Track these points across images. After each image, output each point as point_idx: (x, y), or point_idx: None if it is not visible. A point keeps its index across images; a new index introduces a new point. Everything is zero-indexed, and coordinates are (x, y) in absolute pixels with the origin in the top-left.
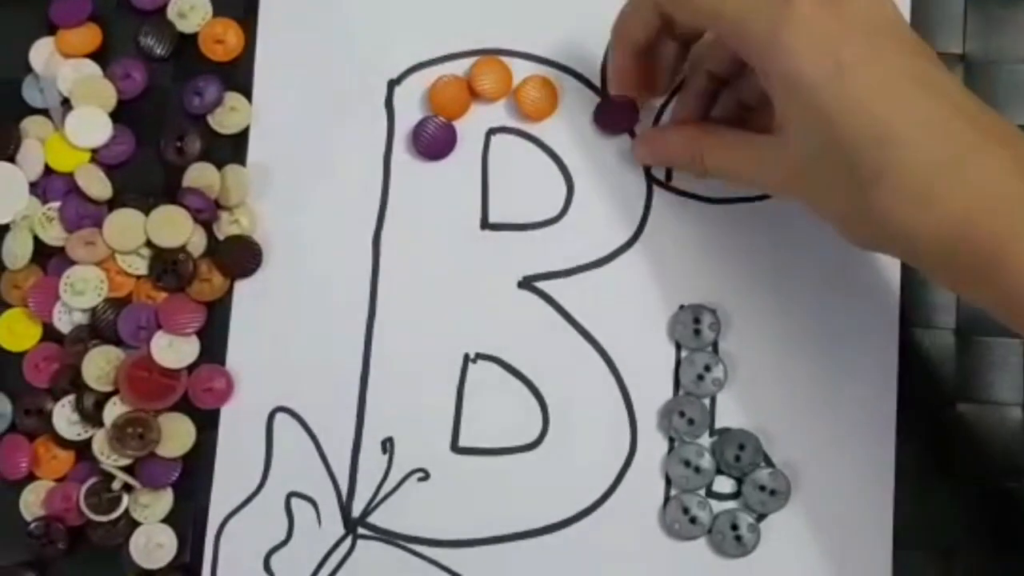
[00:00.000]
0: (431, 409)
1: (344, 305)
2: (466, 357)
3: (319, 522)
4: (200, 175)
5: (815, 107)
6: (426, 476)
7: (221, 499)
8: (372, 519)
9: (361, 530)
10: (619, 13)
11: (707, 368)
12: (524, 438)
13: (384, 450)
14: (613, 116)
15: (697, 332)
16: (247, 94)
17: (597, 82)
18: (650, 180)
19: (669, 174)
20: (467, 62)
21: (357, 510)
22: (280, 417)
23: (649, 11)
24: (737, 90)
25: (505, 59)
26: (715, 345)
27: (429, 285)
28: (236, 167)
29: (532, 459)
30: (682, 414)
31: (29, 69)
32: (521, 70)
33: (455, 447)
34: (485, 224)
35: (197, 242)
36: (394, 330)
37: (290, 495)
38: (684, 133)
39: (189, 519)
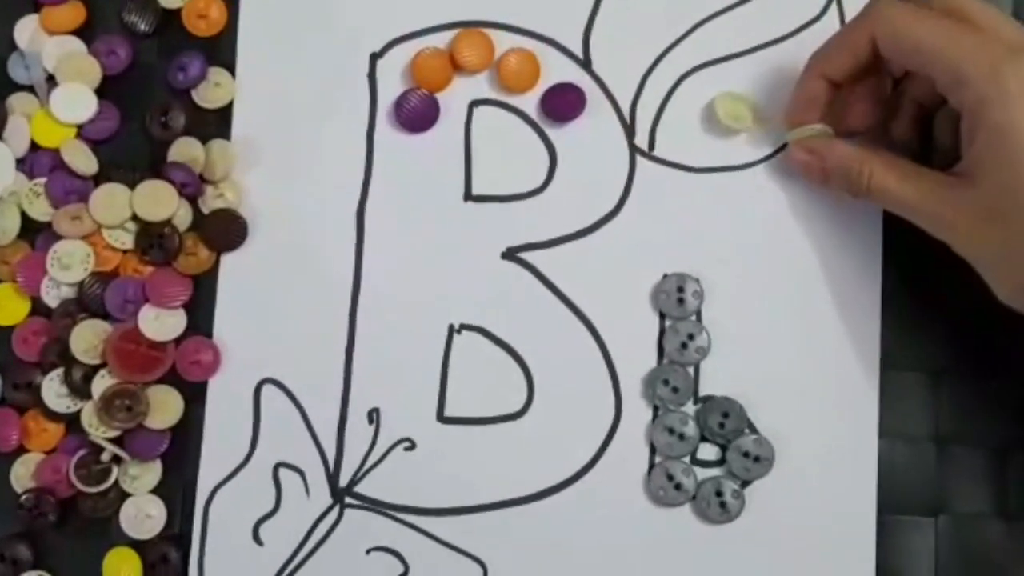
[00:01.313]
0: (417, 380)
1: (329, 278)
2: (451, 328)
3: (307, 492)
4: (185, 149)
5: None
6: (412, 446)
7: (210, 470)
8: (359, 488)
9: (348, 499)
10: (826, 42)
11: (691, 336)
12: (509, 407)
13: (370, 420)
14: (559, 103)
15: (681, 301)
16: (231, 69)
17: (579, 53)
18: (633, 150)
19: (652, 142)
20: (449, 34)
21: (344, 480)
22: (267, 388)
23: (862, 45)
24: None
25: (487, 31)
26: (698, 314)
27: (413, 257)
28: (220, 141)
29: (517, 428)
30: (666, 382)
31: (14, 46)
32: (503, 42)
33: (441, 417)
34: (468, 196)
35: (183, 216)
36: (379, 302)
37: (278, 465)
38: (847, 149)
39: (178, 490)
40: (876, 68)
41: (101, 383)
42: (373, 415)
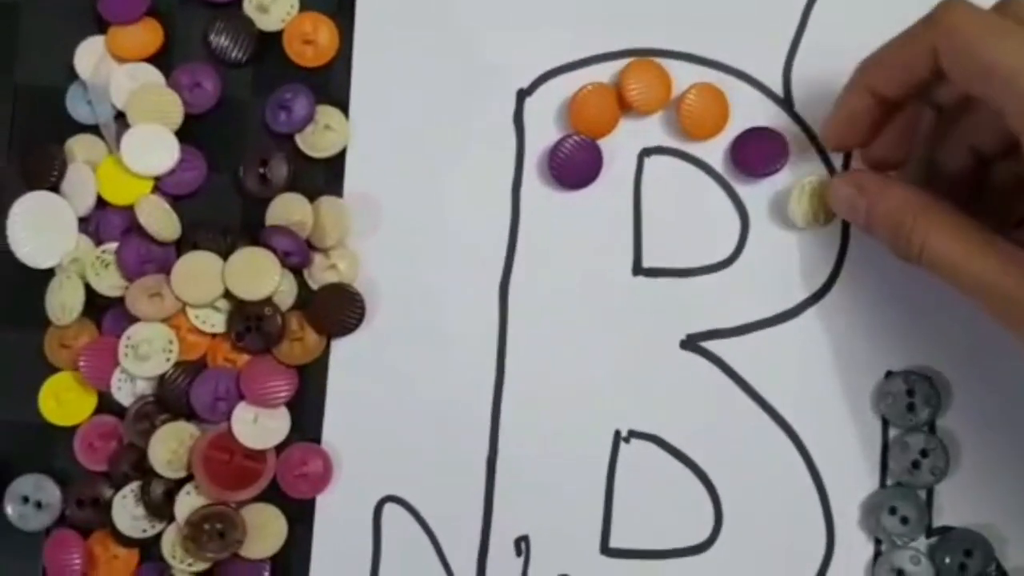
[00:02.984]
0: (575, 501)
1: (465, 370)
2: (617, 435)
3: None
4: (288, 209)
5: None
6: None
7: None
8: None
9: None
10: (878, 49)
11: (923, 453)
12: (691, 538)
13: (518, 552)
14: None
15: (910, 407)
16: (343, 108)
17: (778, 89)
18: None
19: None
20: (615, 66)
21: None
22: (389, 509)
23: (921, 57)
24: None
25: (662, 61)
26: (932, 424)
27: (569, 345)
28: (332, 199)
29: (701, 564)
30: (893, 510)
31: (75, 76)
32: (682, 75)
33: (605, 549)
34: (638, 269)
35: (286, 292)
36: (527, 401)
37: None
38: (904, 197)
39: None
40: (929, 92)
41: (187, 502)
42: (521, 545)
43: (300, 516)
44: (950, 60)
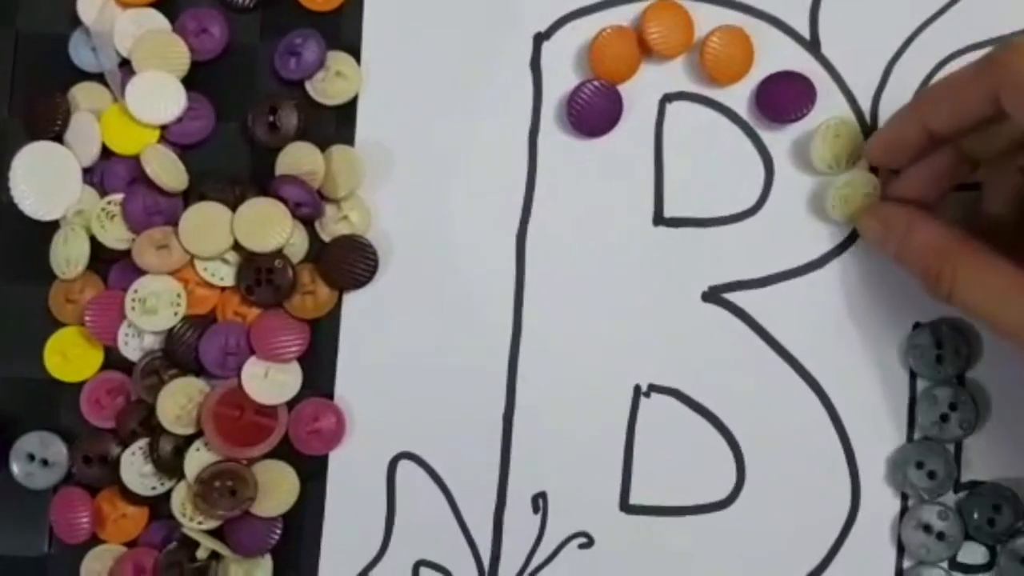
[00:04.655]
0: (594, 456)
1: (481, 323)
2: (637, 389)
3: None
4: (299, 159)
5: None
6: (589, 542)
7: (332, 569)
8: None
9: None
10: (934, 84)
11: (952, 406)
12: (713, 494)
13: (536, 508)
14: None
15: (939, 359)
16: (355, 54)
17: (805, 32)
18: None
19: None
20: (635, 8)
21: None
22: (404, 465)
23: (980, 98)
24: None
25: (685, 3)
26: (961, 376)
27: (588, 298)
28: (344, 148)
29: (723, 520)
30: (920, 465)
31: (78, 22)
32: (705, 18)
33: (625, 505)
34: (659, 219)
35: (297, 244)
36: (545, 355)
37: (418, 564)
38: (933, 235)
39: None
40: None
41: (196, 459)
42: (539, 502)
43: (313, 473)
44: (1015, 101)
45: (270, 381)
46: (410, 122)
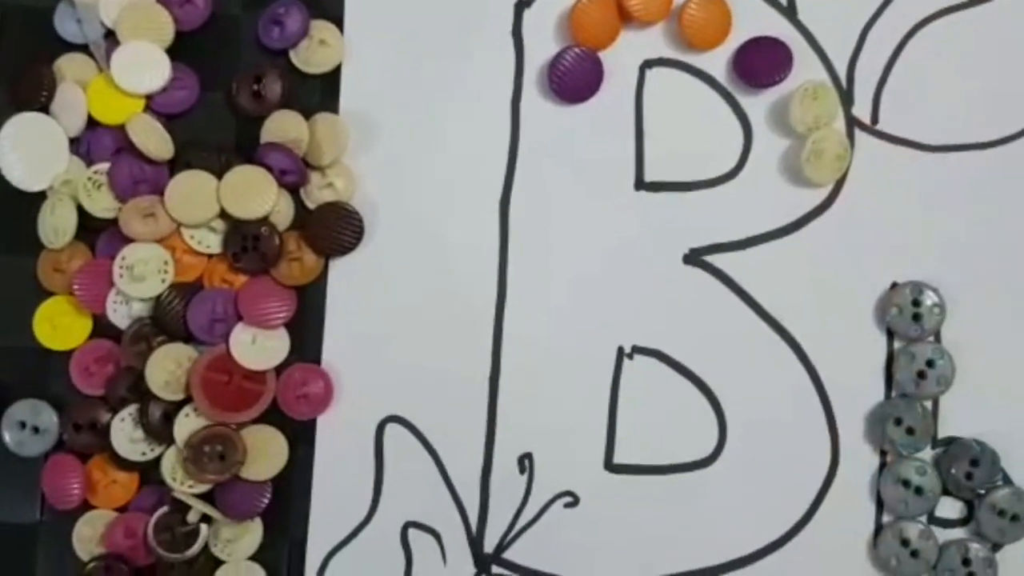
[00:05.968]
0: (578, 417)
1: (466, 288)
2: (620, 351)
3: (443, 559)
4: (283, 126)
5: None
6: (574, 501)
7: (321, 532)
8: (509, 555)
9: (496, 568)
10: None
11: (929, 363)
12: (695, 452)
13: (522, 469)
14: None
15: (916, 317)
16: (338, 23)
17: None
18: (850, 122)
19: (876, 113)
20: None
21: (490, 544)
22: (391, 429)
23: None
24: None
25: None
26: (938, 334)
27: (571, 261)
28: (328, 115)
29: (706, 479)
30: (898, 421)
31: None
32: None
33: (609, 464)
34: (640, 183)
35: (283, 212)
36: (529, 319)
37: (407, 525)
38: None
39: (283, 556)
40: None
41: (186, 424)
42: (525, 462)
43: (301, 437)
44: None
45: (258, 347)
46: (393, 90)
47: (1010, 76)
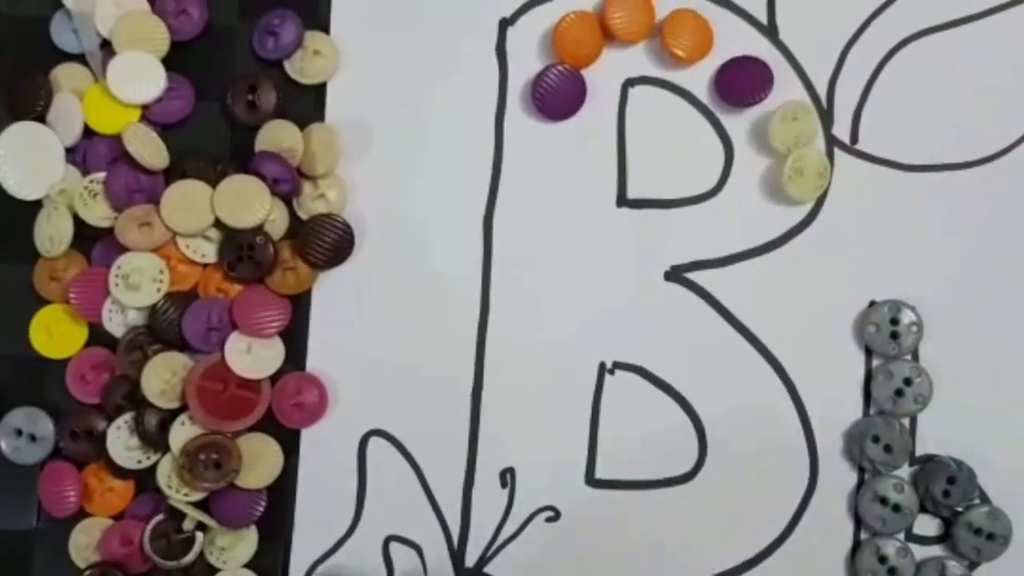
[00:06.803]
0: (560, 433)
1: (450, 302)
2: (602, 367)
3: (424, 573)
4: (278, 136)
5: None
6: (556, 515)
7: (306, 543)
8: (490, 569)
9: None
10: None
11: (907, 381)
12: (676, 468)
13: (503, 483)
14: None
15: (894, 336)
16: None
17: (762, 17)
18: (830, 142)
19: (855, 133)
20: None
21: (471, 558)
22: (374, 442)
23: None
24: None
25: None
26: (915, 352)
27: (554, 277)
28: (323, 126)
29: (686, 494)
30: (876, 439)
31: (59, 4)
32: (666, 3)
33: (591, 479)
34: (622, 201)
35: (277, 221)
36: (513, 334)
37: (388, 539)
38: None
39: (277, 563)
40: None
41: (181, 432)
42: (507, 477)
43: (296, 446)
44: None
45: (253, 355)
46: (378, 105)
47: (989, 97)
